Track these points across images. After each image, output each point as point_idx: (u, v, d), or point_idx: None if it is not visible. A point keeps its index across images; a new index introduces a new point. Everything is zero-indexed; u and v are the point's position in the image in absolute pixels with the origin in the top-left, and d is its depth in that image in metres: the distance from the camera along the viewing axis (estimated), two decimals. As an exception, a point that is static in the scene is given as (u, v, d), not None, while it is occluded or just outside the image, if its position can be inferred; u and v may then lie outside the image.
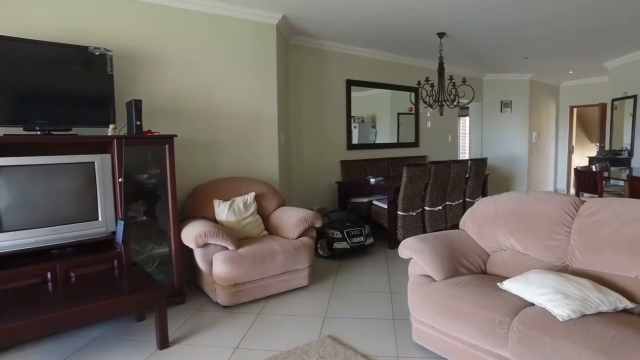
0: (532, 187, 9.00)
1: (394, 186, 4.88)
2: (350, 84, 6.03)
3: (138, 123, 3.10)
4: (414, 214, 5.02)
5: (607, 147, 7.80)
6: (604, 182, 4.69)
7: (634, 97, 6.93)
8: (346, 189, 5.64)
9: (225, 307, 3.25)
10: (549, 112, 9.45)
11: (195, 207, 3.67)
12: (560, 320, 1.90)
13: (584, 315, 1.92)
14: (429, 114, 5.63)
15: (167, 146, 3.24)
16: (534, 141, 8.88)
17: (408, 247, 2.62)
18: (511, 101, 8.58)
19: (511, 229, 2.60)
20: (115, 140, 2.95)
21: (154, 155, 3.37)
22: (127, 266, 2.98)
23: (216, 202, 3.69)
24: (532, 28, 5.07)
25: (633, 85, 6.95)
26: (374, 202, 5.26)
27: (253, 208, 3.82)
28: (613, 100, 7.59)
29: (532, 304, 2.10)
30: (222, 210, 3.65)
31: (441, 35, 5.23)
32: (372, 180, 5.46)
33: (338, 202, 5.71)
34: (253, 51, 4.31)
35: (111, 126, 3.01)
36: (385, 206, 4.99)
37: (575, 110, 9.69)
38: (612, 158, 7.09)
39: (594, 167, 5.11)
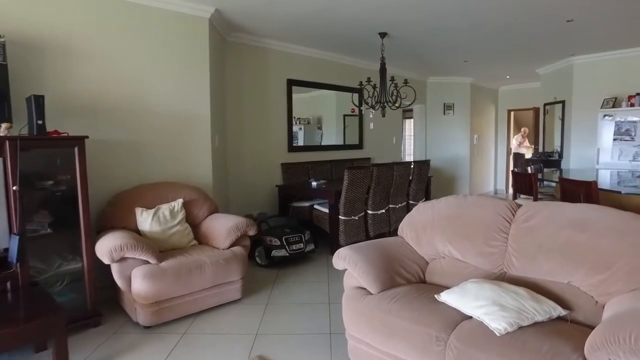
0: (474, 189, 9.23)
1: (336, 190, 4.72)
2: (292, 83, 5.82)
3: (40, 122, 2.70)
4: (357, 218, 4.89)
5: (540, 149, 8.14)
6: (538, 183, 4.78)
7: (563, 102, 7.26)
8: (287, 193, 5.42)
9: (146, 327, 2.91)
10: (489, 115, 9.75)
11: (115, 216, 3.29)
12: (497, 334, 1.79)
13: (521, 328, 1.83)
14: (371, 115, 5.54)
15: (76, 149, 2.86)
16: (475, 143, 9.11)
17: (342, 258, 2.44)
18: (453, 104, 8.74)
19: (449, 236, 2.49)
20: (7, 141, 2.54)
21: (64, 159, 2.97)
22: (24, 288, 2.57)
23: (138, 211, 3.33)
24: (471, 32, 5.11)
25: (562, 91, 7.28)
26: (315, 206, 5.08)
27: (181, 216, 3.50)
28: (545, 104, 7.93)
29: (470, 317, 1.98)
30: (145, 220, 3.30)
31: (383, 35, 5.14)
32: (314, 184, 5.27)
33: (279, 206, 5.47)
34: (183, 46, 3.98)
35: (4, 125, 2.59)
36: (327, 210, 4.82)
37: (512, 113, 10.06)
38: (545, 159, 7.38)
39: (529, 168, 5.23)
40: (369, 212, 5.09)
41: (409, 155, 10.98)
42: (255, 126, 5.39)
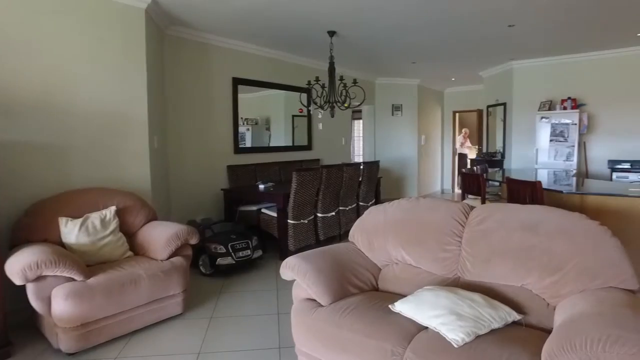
0: (422, 188, 9.38)
1: (284, 192, 4.54)
2: (238, 82, 5.57)
3: None
4: (306, 221, 4.74)
5: (484, 150, 8.40)
6: (485, 183, 4.87)
7: (504, 104, 7.53)
8: (234, 197, 5.16)
9: (69, 354, 2.57)
10: (435, 117, 9.96)
11: (33, 228, 2.91)
12: (455, 346, 1.70)
13: (478, 337, 1.75)
14: (320, 116, 5.41)
15: (-17, 151, 2.48)
16: (422, 144, 9.26)
17: (290, 268, 2.27)
18: (401, 105, 8.83)
19: (402, 241, 2.39)
20: None
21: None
22: None
23: (62, 221, 2.97)
24: (418, 33, 5.11)
25: (503, 94, 7.55)
26: (263, 210, 4.87)
27: (114, 225, 3.17)
28: (488, 106, 8.20)
29: (426, 328, 1.87)
30: (70, 231, 2.95)
31: (332, 33, 5.03)
32: (262, 187, 5.06)
33: (225, 211, 5.20)
34: (116, 38, 3.63)
35: None
36: (275, 214, 4.63)
37: (457, 115, 10.35)
38: (489, 160, 7.61)
39: (476, 169, 5.32)
40: (319, 215, 4.95)
41: (358, 156, 11.00)
42: (199, 127, 5.09)
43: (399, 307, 2.00)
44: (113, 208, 3.23)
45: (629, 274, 1.83)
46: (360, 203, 5.81)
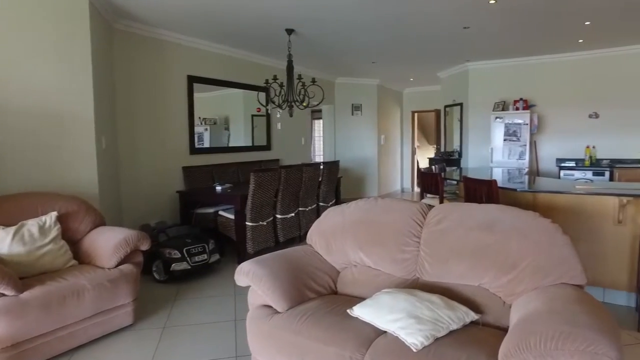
0: (383, 188, 9.46)
1: (241, 194, 4.41)
2: (193, 80, 5.37)
3: None
4: (265, 223, 4.62)
5: (442, 149, 8.58)
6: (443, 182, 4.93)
7: (461, 104, 7.71)
8: (190, 199, 4.97)
9: (1, 376, 2.36)
10: (395, 116, 10.08)
11: (-39, 236, 2.65)
12: (414, 350, 1.66)
13: (437, 339, 1.72)
14: (278, 115, 5.31)
15: None
16: (382, 143, 9.34)
17: (245, 274, 2.17)
18: (361, 105, 8.87)
19: (360, 242, 2.34)
20: None
21: None
22: None
23: (-6, 229, 2.72)
24: (376, 33, 5.12)
25: (459, 94, 7.73)
26: (220, 212, 4.72)
27: (55, 232, 2.93)
28: (445, 106, 8.37)
29: (385, 332, 1.83)
30: (1, 240, 2.70)
31: (289, 31, 4.94)
32: (219, 188, 4.90)
33: (180, 214, 5.00)
34: (57, 32, 3.38)
35: None
36: (233, 217, 4.49)
37: (416, 115, 10.52)
38: (446, 159, 7.77)
39: (434, 168, 5.40)
40: (278, 216, 4.85)
41: (318, 156, 10.97)
42: (153, 126, 4.86)
43: (358, 311, 1.94)
44: (54, 214, 3.00)
45: (578, 270, 1.86)
46: (321, 203, 5.75)
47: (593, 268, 3.36)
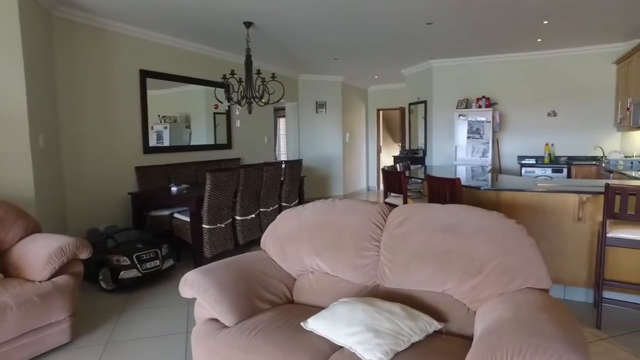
0: (348, 186, 9.36)
1: (197, 195, 4.16)
2: (146, 75, 5.05)
3: None
4: (223, 225, 4.39)
5: (407, 147, 8.55)
6: (407, 180, 4.84)
7: (425, 102, 7.69)
8: (143, 201, 4.67)
9: None
10: (360, 114, 10.00)
11: None
12: (372, 367, 1.51)
13: (397, 354, 1.58)
14: (237, 112, 5.08)
15: None
16: (347, 141, 9.23)
17: (189, 285, 1.96)
18: (325, 102, 8.72)
19: (317, 247, 2.17)
20: None
21: None
22: None
23: None
24: (337, 29, 4.97)
25: (424, 92, 7.71)
26: (176, 215, 4.45)
27: (-22, 241, 2.62)
28: (409, 104, 8.35)
29: (342, 348, 1.67)
30: None
31: (248, 24, 4.72)
32: (174, 189, 4.63)
33: (133, 217, 4.69)
34: (-20, 17, 3.04)
35: None
36: (188, 219, 4.24)
37: (381, 112, 10.49)
38: (411, 157, 7.74)
39: (398, 166, 5.31)
40: (238, 218, 4.63)
41: (284, 155, 10.75)
42: (100, 124, 4.52)
43: (312, 324, 1.78)
44: (-23, 221, 2.67)
45: (543, 273, 1.77)
46: (283, 204, 5.57)
47: (554, 266, 3.34)
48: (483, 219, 1.92)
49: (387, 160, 10.48)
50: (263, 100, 4.65)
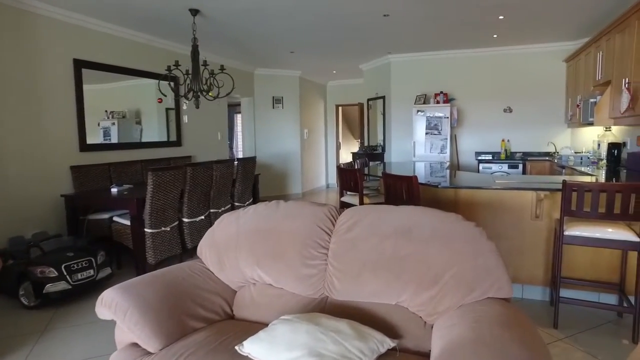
0: (307, 184, 9.14)
1: (137, 197, 3.81)
2: (82, 65, 4.61)
3: None
4: (169, 228, 4.06)
5: (366, 143, 8.43)
6: (365, 178, 4.67)
7: (383, 97, 7.58)
8: (79, 204, 4.25)
9: None
10: (318, 110, 9.79)
11: None
12: (314, 400, 1.28)
13: (344, 380, 1.36)
14: (185, 107, 4.73)
15: None
16: (305, 138, 9.00)
17: (106, 305, 1.67)
18: (282, 97, 8.45)
19: (258, 256, 1.93)
20: None
21: None
22: None
23: None
24: (292, 19, 4.73)
25: (382, 87, 7.60)
26: (115, 218, 4.07)
27: None
28: (368, 100, 8.22)
29: (280, 376, 1.44)
30: None
31: (194, 12, 4.38)
32: (115, 190, 4.24)
33: (68, 222, 4.26)
34: None
35: None
36: (129, 223, 3.88)
37: (340, 108, 10.33)
38: (370, 153, 7.61)
39: (356, 163, 5.15)
40: (185, 220, 4.30)
41: (242, 152, 10.39)
42: (24, 118, 4.06)
43: (248, 348, 1.53)
44: None
45: (504, 281, 1.61)
46: (236, 203, 5.28)
47: (513, 265, 3.26)
48: (440, 221, 1.74)
49: (346, 157, 10.35)
50: (211, 94, 4.34)
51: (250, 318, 1.94)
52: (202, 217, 4.54)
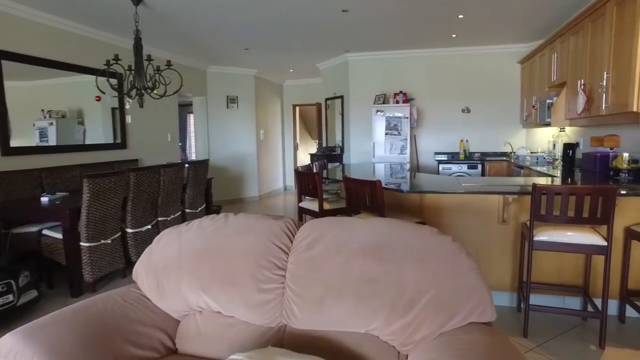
0: (264, 186, 8.82)
1: (71, 207, 3.39)
2: (2, 57, 4.08)
3: None
4: (109, 241, 3.65)
5: (324, 144, 8.22)
6: (323, 181, 4.45)
7: (341, 97, 7.41)
8: (1, 216, 3.74)
9: None
10: (275, 110, 9.49)
11: None
12: None
13: None
14: (128, 106, 4.31)
15: None
16: (262, 139, 8.68)
17: (3, 356, 1.33)
18: (237, 97, 8.09)
19: (203, 280, 1.64)
20: None
21: None
22: None
23: None
24: (243, 10, 4.42)
25: (340, 87, 7.42)
26: (45, 231, 3.61)
27: None
28: (326, 99, 8.02)
29: None
30: None
31: (137, 1, 3.99)
32: (45, 200, 3.77)
33: (-12, 236, 3.74)
34: None
35: None
36: (61, 236, 3.44)
37: (297, 108, 10.07)
38: (328, 154, 7.41)
39: (314, 166, 4.91)
40: (129, 230, 3.91)
41: (195, 154, 9.90)
42: None
43: (189, 400, 1.25)
44: None
45: (486, 303, 1.42)
46: (187, 210, 4.91)
47: (481, 271, 3.14)
48: (413, 237, 1.53)
49: (304, 158, 10.11)
50: (156, 92, 3.96)
51: (197, 352, 1.65)
52: (149, 226, 4.15)
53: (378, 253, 1.50)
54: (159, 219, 4.35)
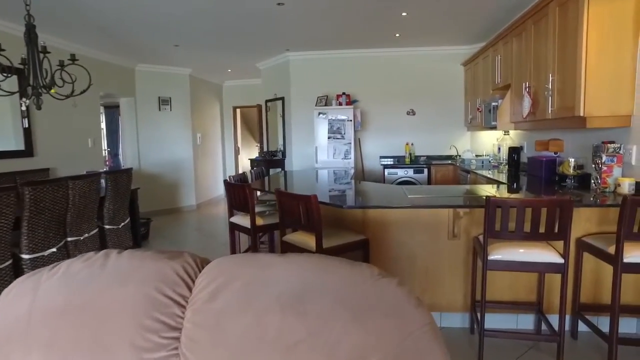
0: (202, 194, 8.23)
1: (-63, 234, 2.74)
2: None
3: None
4: (-4, 271, 3.02)
5: (265, 148, 7.80)
6: (258, 193, 4.06)
7: (282, 99, 7.03)
8: None
9: None
10: (213, 112, 8.93)
11: None
12: None
13: None
14: (23, 107, 3.66)
15: None
16: (199, 143, 8.10)
17: None
18: (170, 98, 7.47)
19: (64, 353, 1.18)
20: None
21: None
22: None
23: None
24: (171, 2, 3.93)
25: (281, 88, 7.04)
26: None
27: None
28: (266, 101, 7.60)
29: None
30: None
31: (31, -16, 3.37)
32: None
33: None
34: None
35: None
36: None
37: (238, 110, 9.57)
38: (270, 159, 7.01)
39: (251, 173, 4.48)
40: (24, 256, 3.28)
41: (124, 160, 9.09)
42: None
43: None
44: None
45: (443, 364, 1.08)
46: (107, 226, 4.32)
47: (430, 291, 2.87)
48: (347, 282, 1.16)
49: (247, 163, 9.61)
50: (53, 91, 3.36)
51: None
52: (54, 249, 3.54)
53: (300, 306, 1.12)
54: (69, 239, 3.74)
